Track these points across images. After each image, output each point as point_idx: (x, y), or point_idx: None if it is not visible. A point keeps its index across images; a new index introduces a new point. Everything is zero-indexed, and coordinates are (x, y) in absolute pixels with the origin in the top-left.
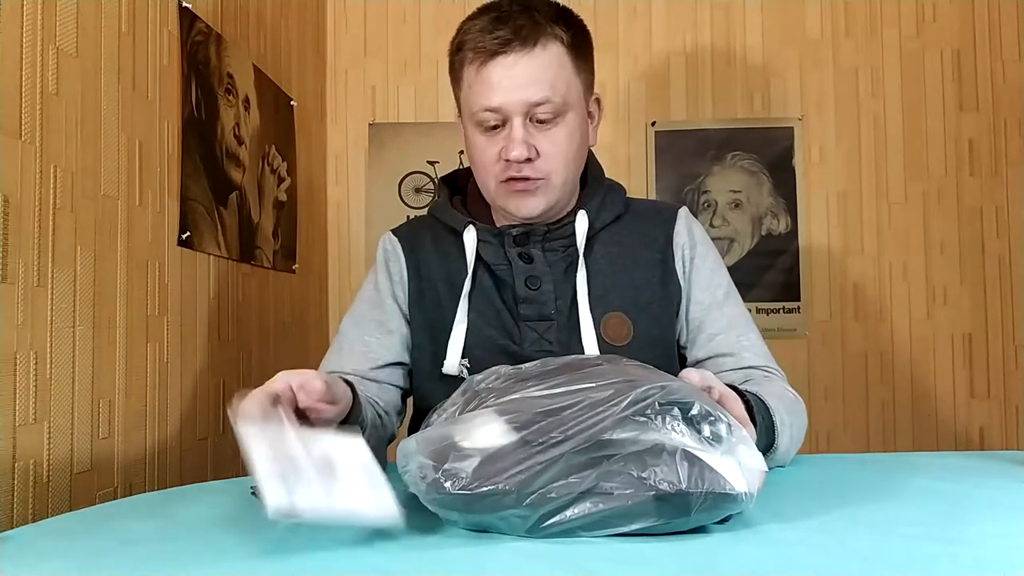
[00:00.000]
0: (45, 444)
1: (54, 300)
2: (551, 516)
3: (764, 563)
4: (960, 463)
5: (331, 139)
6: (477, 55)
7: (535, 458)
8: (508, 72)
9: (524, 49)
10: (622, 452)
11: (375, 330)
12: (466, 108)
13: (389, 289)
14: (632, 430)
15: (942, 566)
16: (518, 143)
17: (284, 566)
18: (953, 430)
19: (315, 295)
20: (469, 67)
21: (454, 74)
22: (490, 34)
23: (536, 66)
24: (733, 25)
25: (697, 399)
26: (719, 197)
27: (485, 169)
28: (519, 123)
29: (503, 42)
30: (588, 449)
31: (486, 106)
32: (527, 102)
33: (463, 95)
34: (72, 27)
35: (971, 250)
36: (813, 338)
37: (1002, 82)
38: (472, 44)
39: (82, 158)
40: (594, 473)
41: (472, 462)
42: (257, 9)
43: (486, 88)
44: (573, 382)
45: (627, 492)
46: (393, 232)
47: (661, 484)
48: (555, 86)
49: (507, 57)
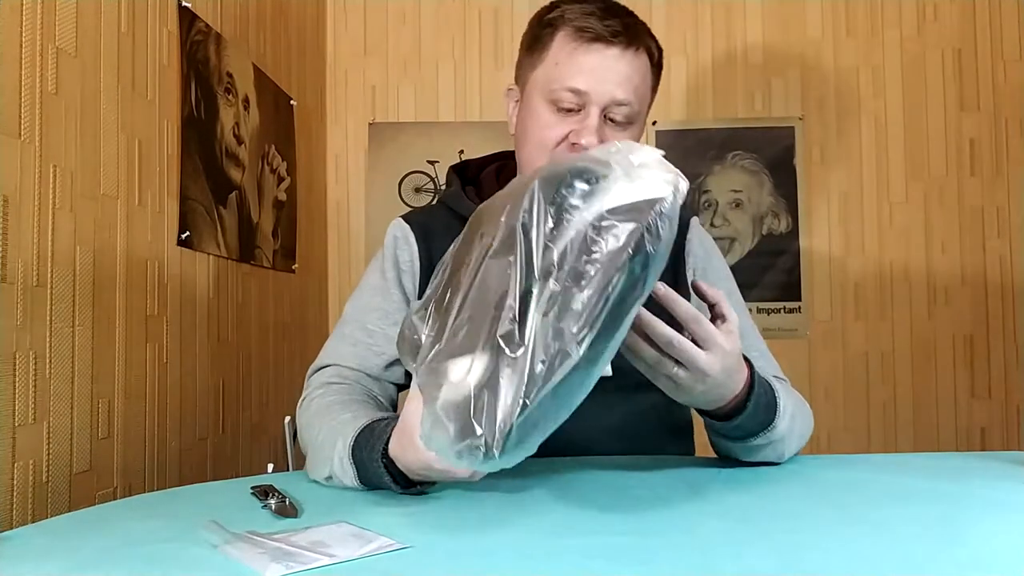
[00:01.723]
0: (45, 444)
1: (54, 300)
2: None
3: (764, 563)
4: (960, 463)
5: (331, 139)
6: (581, 34)
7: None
8: (606, 63)
9: (630, 47)
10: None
11: (379, 319)
12: (543, 82)
13: (396, 278)
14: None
15: (942, 566)
16: (593, 131)
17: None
18: (954, 430)
19: (315, 295)
20: (564, 43)
21: (536, 44)
22: (601, 20)
23: (632, 67)
24: (733, 25)
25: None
26: (720, 197)
27: (543, 145)
28: (597, 112)
29: (613, 32)
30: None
31: (572, 87)
32: (613, 97)
33: (543, 68)
34: (72, 27)
35: (972, 250)
36: (814, 338)
37: (1003, 81)
38: (578, 22)
39: (82, 158)
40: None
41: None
42: (257, 9)
43: (578, 70)
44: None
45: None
46: (404, 218)
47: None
48: (638, 93)
49: (611, 48)
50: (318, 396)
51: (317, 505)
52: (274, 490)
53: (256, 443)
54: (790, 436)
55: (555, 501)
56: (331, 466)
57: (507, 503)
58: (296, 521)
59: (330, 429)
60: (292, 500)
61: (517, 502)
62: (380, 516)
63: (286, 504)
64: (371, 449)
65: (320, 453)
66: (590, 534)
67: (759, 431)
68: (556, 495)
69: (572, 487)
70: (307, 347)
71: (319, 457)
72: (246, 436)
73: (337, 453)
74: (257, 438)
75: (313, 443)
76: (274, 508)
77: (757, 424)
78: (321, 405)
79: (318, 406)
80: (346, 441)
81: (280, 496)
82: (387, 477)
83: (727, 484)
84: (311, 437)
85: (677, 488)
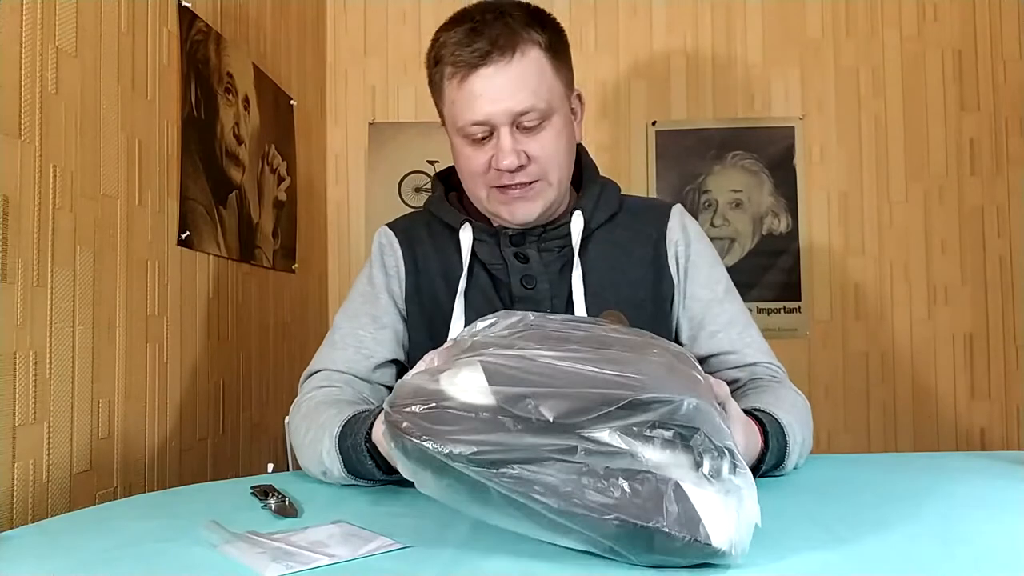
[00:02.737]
0: (45, 444)
1: (54, 300)
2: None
3: (764, 563)
4: (960, 463)
5: (331, 139)
6: (457, 69)
7: (502, 434)
8: (490, 84)
9: (503, 59)
10: (600, 457)
11: (368, 324)
12: (451, 122)
13: (384, 283)
14: (617, 436)
15: (942, 566)
16: (507, 152)
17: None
18: (954, 430)
19: (315, 295)
20: (450, 82)
21: (434, 87)
22: (467, 47)
23: (517, 75)
24: (733, 25)
25: (705, 423)
26: (720, 197)
27: (475, 179)
28: (506, 132)
29: (482, 54)
30: (562, 436)
31: (472, 120)
32: (512, 112)
33: (446, 110)
34: (72, 27)
35: (972, 250)
36: (814, 338)
37: (1003, 82)
38: (450, 59)
39: (82, 158)
40: (557, 468)
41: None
42: (257, 9)
43: (470, 102)
44: (587, 361)
45: (591, 503)
46: (389, 226)
47: (630, 510)
48: (538, 92)
49: (487, 68)
50: (307, 400)
51: (317, 505)
52: (274, 490)
53: (256, 443)
54: (798, 461)
55: None
56: (322, 460)
57: None
58: (296, 521)
59: (319, 427)
60: (292, 500)
61: None
62: (380, 516)
63: (286, 504)
64: (355, 435)
65: (311, 450)
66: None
67: (777, 464)
68: None
69: None
70: (307, 347)
71: (310, 453)
72: (246, 436)
73: (324, 447)
74: (257, 438)
75: (303, 442)
76: (274, 508)
77: (770, 467)
78: (310, 407)
79: (307, 408)
80: (332, 433)
81: (280, 496)
82: (370, 462)
83: None
84: (300, 438)
85: None
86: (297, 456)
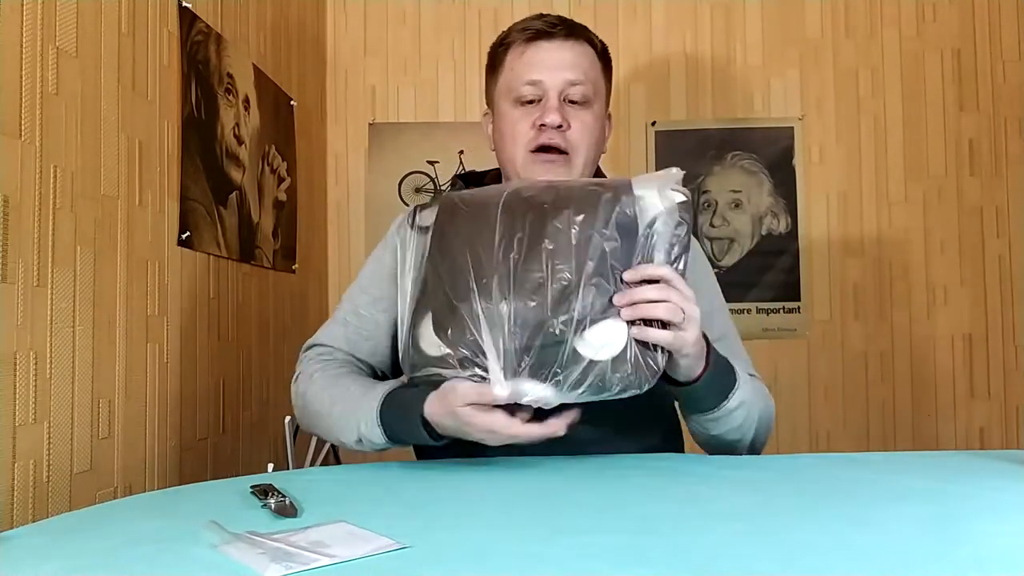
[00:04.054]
0: (45, 444)
1: (54, 300)
2: None
3: (764, 563)
4: (960, 463)
5: (331, 139)
6: (524, 36)
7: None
8: (551, 54)
9: (568, 39)
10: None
11: (369, 305)
12: (505, 89)
13: (392, 268)
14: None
15: (942, 566)
16: (553, 110)
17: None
18: (953, 430)
19: (315, 295)
20: (513, 51)
21: (495, 62)
22: (540, 19)
23: (576, 53)
24: (733, 25)
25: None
26: (719, 197)
27: (516, 140)
28: (555, 95)
29: (551, 25)
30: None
31: (528, 79)
32: (566, 80)
33: (503, 78)
34: (72, 27)
35: (971, 250)
36: (813, 338)
37: (1002, 82)
38: (519, 34)
39: (82, 158)
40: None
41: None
42: (257, 9)
43: (530, 65)
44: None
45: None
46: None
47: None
48: (588, 74)
49: (552, 41)
50: (319, 370)
51: (317, 505)
52: (274, 490)
53: (256, 443)
54: (749, 413)
55: (554, 501)
56: (359, 430)
57: (506, 503)
58: (296, 521)
59: (351, 396)
60: (292, 500)
61: (516, 502)
62: (380, 516)
63: (286, 504)
64: (407, 409)
65: (343, 420)
66: (589, 533)
67: (727, 394)
68: (555, 495)
69: (571, 487)
70: None
71: (342, 424)
72: (246, 436)
73: (363, 418)
74: (257, 438)
75: (331, 412)
76: (274, 508)
77: (720, 388)
78: (326, 377)
79: (323, 378)
80: (373, 405)
81: (280, 496)
82: (424, 433)
83: (727, 484)
84: (325, 406)
85: (676, 487)
86: (316, 423)
